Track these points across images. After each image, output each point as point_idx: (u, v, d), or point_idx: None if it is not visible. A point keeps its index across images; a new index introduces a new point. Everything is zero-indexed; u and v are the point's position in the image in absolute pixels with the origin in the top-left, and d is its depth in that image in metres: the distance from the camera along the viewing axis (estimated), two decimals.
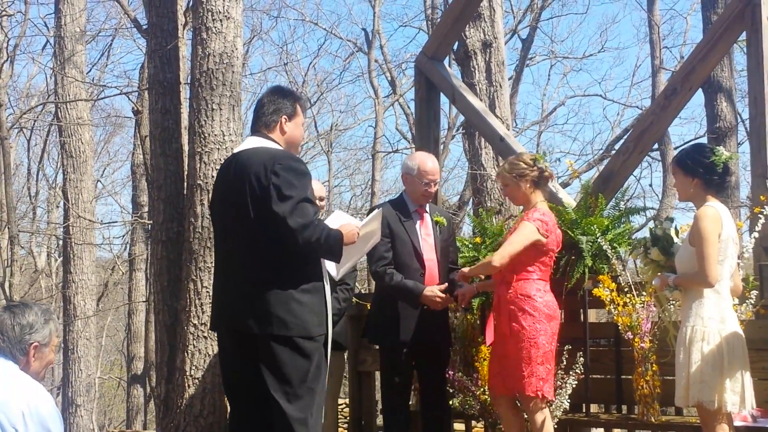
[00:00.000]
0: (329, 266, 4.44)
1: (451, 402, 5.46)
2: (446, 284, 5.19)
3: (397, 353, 5.18)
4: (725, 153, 4.36)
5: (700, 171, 4.32)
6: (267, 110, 4.40)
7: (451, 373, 5.39)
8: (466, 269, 5.05)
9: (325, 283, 4.24)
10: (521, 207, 5.23)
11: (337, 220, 4.65)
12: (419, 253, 5.20)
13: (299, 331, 4.07)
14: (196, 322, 5.89)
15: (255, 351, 4.13)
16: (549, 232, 4.78)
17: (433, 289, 5.10)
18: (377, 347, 5.76)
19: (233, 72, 6.17)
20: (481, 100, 8.60)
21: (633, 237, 5.60)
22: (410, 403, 5.54)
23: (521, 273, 4.80)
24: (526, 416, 4.87)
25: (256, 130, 4.42)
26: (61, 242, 17.75)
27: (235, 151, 4.44)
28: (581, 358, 5.27)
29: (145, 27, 7.95)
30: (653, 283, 4.58)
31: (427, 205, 5.37)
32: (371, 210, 5.19)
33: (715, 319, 4.22)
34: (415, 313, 5.16)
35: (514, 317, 4.75)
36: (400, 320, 5.16)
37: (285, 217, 4.01)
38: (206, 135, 6.04)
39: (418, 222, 5.28)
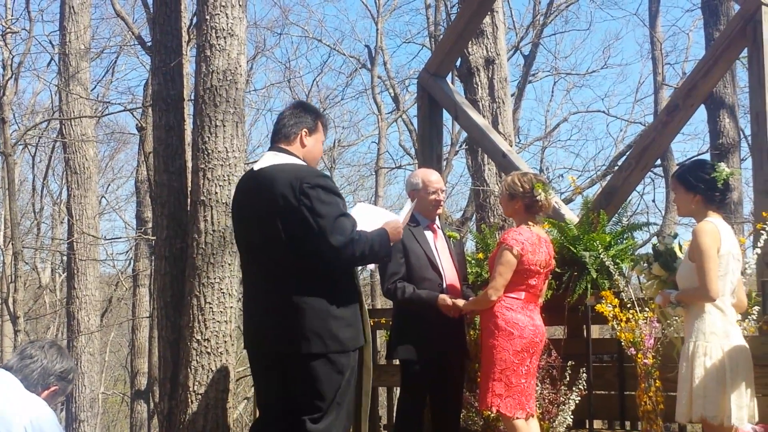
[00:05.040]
0: None
1: None
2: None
3: (425, 367, 5.09)
4: (726, 169, 4.37)
5: (702, 187, 4.34)
6: (288, 122, 4.37)
7: None
8: (460, 302, 5.05)
9: (360, 291, 4.26)
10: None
11: (361, 212, 4.49)
12: (435, 264, 5.17)
13: (335, 346, 4.04)
14: (199, 337, 5.89)
15: (285, 368, 4.09)
16: (525, 251, 4.78)
17: (447, 297, 5.07)
18: (382, 363, 5.73)
19: (237, 89, 6.19)
20: (483, 116, 8.64)
21: (636, 253, 5.61)
22: None
23: None
24: None
25: (275, 144, 4.37)
26: (65, 258, 17.80)
27: (255, 168, 4.32)
28: (584, 374, 5.27)
29: (149, 44, 7.99)
30: (656, 300, 4.60)
31: (438, 221, 5.39)
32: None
33: (717, 334, 4.22)
34: (440, 326, 5.07)
35: (483, 333, 4.88)
36: (432, 330, 5.05)
37: (326, 236, 3.97)
38: (210, 151, 6.05)
39: (432, 236, 5.27)
